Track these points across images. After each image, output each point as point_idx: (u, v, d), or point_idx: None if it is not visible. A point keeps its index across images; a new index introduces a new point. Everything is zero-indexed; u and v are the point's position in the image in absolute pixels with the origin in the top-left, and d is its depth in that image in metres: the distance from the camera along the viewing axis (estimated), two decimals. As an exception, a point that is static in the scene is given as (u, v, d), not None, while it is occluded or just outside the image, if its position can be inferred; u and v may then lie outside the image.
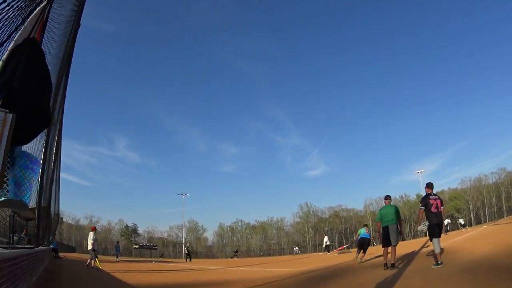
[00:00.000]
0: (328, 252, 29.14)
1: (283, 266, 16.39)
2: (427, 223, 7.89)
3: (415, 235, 56.59)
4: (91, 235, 13.54)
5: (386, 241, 8.69)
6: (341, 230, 77.34)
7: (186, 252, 30.53)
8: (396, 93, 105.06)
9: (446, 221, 28.22)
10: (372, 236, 9.09)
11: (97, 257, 13.74)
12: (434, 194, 7.99)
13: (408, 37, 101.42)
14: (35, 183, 2.38)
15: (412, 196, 71.45)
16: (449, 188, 75.32)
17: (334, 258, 19.54)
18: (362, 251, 12.98)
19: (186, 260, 28.56)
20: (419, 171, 52.76)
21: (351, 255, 20.29)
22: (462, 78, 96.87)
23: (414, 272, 7.70)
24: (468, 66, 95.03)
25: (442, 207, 7.80)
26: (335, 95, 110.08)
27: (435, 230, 7.70)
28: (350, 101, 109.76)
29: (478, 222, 58.60)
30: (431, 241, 7.91)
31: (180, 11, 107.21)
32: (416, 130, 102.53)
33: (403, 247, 14.35)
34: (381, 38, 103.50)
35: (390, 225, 8.63)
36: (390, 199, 9.39)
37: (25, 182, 2.21)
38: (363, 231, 13.50)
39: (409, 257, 10.96)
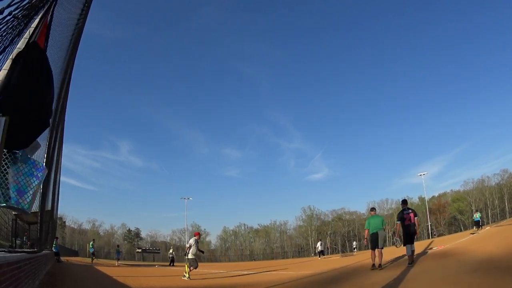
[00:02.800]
0: (319, 257, 29.13)
1: (287, 269, 16.33)
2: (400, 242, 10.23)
3: (417, 238, 56.20)
4: (191, 240, 12.26)
5: (373, 245, 9.86)
6: (344, 233, 77.09)
7: (170, 256, 29.55)
8: (399, 96, 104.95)
9: (478, 216, 28.18)
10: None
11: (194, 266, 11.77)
12: (408, 209, 9.85)
13: (410, 39, 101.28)
14: (39, 190, 2.37)
15: (415, 199, 71.17)
16: (451, 190, 75.01)
17: (338, 262, 19.46)
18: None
19: (170, 265, 27.82)
20: (422, 174, 52.62)
21: (353, 259, 20.21)
22: (464, 80, 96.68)
23: (417, 274, 7.68)
24: (470, 68, 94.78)
25: (415, 218, 9.56)
26: (337, 99, 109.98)
27: (408, 238, 9.52)
28: (352, 104, 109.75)
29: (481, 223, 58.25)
30: (404, 246, 9.77)
31: (184, 15, 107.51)
32: (419, 132, 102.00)
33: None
34: (383, 41, 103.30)
35: (378, 231, 9.86)
36: (375, 211, 11.04)
37: (28, 190, 2.19)
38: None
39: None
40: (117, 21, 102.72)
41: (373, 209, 11.22)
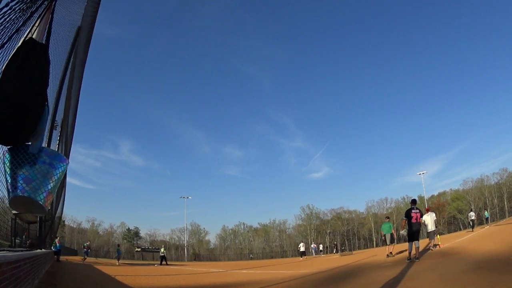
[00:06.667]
0: (301, 257, 30.20)
1: (286, 268, 16.34)
2: (406, 230, 10.72)
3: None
4: (430, 216, 13.15)
5: (385, 242, 14.77)
6: (343, 232, 77.12)
7: (161, 255, 29.22)
8: (399, 95, 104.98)
9: (472, 216, 27.81)
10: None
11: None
12: (416, 208, 10.57)
13: (410, 37, 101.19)
14: (56, 180, 2.16)
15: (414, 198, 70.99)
16: (450, 189, 74.97)
17: (337, 261, 19.47)
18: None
19: (161, 263, 27.66)
20: (421, 173, 52.65)
21: (352, 258, 20.23)
22: (464, 79, 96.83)
23: (417, 272, 7.67)
24: (470, 67, 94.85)
25: (421, 218, 10.64)
26: (338, 97, 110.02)
27: (413, 236, 10.26)
28: (353, 103, 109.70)
29: (480, 223, 58.27)
30: (408, 242, 10.62)
31: (186, 14, 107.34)
32: (418, 131, 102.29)
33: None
34: (384, 39, 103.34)
35: (386, 234, 15.04)
36: (389, 219, 16.65)
37: (37, 178, 2.01)
38: None
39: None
40: (117, 20, 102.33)
41: (387, 217, 17.55)
